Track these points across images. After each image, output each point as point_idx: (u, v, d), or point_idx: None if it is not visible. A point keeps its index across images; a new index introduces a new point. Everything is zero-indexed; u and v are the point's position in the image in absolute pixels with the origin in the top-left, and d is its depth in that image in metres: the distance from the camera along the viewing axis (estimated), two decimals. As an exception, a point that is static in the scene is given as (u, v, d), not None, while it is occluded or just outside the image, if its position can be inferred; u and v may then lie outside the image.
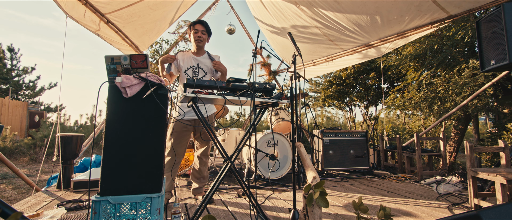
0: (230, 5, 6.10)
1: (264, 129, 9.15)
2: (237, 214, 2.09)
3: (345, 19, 3.90)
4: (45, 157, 6.49)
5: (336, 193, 2.82)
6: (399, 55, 5.82)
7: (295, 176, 1.92)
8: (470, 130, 6.08)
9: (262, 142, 3.25)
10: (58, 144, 2.82)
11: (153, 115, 1.45)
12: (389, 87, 7.74)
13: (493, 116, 4.95)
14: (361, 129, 8.62)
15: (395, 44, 4.17)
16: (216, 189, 1.80)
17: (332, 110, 10.08)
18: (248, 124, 6.99)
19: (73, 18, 3.13)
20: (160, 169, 1.44)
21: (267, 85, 1.80)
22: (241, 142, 1.95)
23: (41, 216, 1.98)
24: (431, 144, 6.60)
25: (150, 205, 1.36)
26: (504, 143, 2.42)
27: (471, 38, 4.22)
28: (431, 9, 3.26)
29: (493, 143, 4.54)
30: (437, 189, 2.94)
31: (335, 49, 4.88)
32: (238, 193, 2.72)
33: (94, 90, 41.66)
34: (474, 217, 0.79)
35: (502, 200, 1.98)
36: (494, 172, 2.09)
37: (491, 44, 2.15)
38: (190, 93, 1.60)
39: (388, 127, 8.45)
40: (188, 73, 2.33)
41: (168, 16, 4.39)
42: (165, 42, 6.90)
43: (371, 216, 2.07)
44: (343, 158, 3.95)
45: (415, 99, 5.05)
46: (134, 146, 1.40)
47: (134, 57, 1.50)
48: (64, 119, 10.59)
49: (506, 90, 4.24)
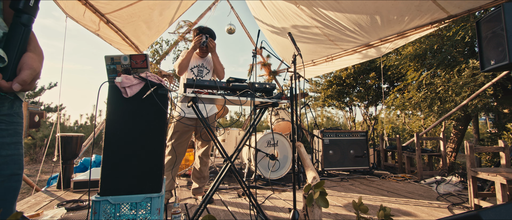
0: (230, 5, 6.10)
1: (264, 129, 9.15)
2: (237, 214, 2.09)
3: (345, 19, 3.90)
4: (45, 157, 6.49)
5: (336, 193, 2.82)
6: (399, 55, 5.82)
7: (295, 176, 1.92)
8: (470, 130, 6.08)
9: (262, 142, 3.25)
10: (58, 144, 2.82)
11: (153, 115, 1.45)
12: (389, 87, 7.74)
13: (493, 116, 4.95)
14: (361, 129, 8.62)
15: (395, 44, 4.17)
16: (216, 189, 1.80)
17: (332, 109, 10.09)
18: (248, 124, 6.99)
19: (73, 18, 3.13)
20: (160, 169, 1.44)
21: (267, 85, 1.80)
22: (241, 142, 1.95)
23: (41, 216, 1.98)
24: (431, 144, 6.60)
25: (150, 205, 1.36)
26: (504, 143, 2.42)
27: (471, 38, 4.22)
28: (431, 9, 3.26)
29: (493, 143, 4.54)
30: (437, 189, 2.94)
31: (335, 49, 4.88)
32: (238, 193, 2.72)
33: (94, 90, 41.66)
34: (474, 217, 0.79)
35: (502, 200, 1.98)
36: (494, 172, 2.09)
37: (491, 44, 2.15)
38: (190, 93, 1.60)
39: (388, 127, 8.45)
40: (194, 71, 2.40)
41: (168, 16, 4.39)
42: (165, 42, 6.90)
43: (371, 216, 2.07)
44: (343, 158, 3.95)
45: (415, 99, 5.05)
46: (134, 146, 1.40)
47: (134, 57, 1.50)
48: (64, 119, 10.59)
49: (506, 90, 4.24)
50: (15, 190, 0.81)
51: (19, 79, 0.69)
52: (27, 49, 0.76)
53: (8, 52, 0.71)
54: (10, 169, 0.78)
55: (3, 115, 0.76)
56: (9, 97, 0.77)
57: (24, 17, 0.73)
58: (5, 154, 0.76)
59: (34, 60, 0.74)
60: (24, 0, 0.73)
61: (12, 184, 0.80)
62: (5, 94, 0.74)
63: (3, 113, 0.76)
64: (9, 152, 0.78)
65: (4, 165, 0.76)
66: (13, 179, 0.79)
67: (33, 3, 0.75)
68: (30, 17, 0.75)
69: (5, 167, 0.76)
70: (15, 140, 0.80)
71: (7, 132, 0.77)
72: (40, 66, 0.76)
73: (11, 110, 0.78)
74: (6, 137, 0.77)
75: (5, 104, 0.76)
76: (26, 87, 0.71)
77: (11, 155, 0.78)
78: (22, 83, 0.69)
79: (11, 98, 0.78)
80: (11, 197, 0.80)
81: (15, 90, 0.69)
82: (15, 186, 0.81)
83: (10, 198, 0.79)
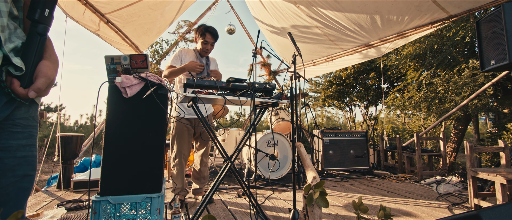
0: (230, 5, 6.10)
1: (264, 129, 9.15)
2: (237, 214, 2.09)
3: (345, 19, 3.90)
4: (45, 157, 6.49)
5: (336, 193, 2.82)
6: (399, 55, 5.82)
7: (295, 176, 1.92)
8: (470, 130, 6.08)
9: (262, 142, 3.25)
10: (58, 144, 2.82)
11: (153, 115, 1.45)
12: (389, 87, 7.75)
13: (493, 116, 4.95)
14: (361, 129, 8.63)
15: (395, 44, 4.17)
16: (216, 189, 1.80)
17: (332, 109, 10.10)
18: (248, 124, 6.99)
19: (72, 18, 3.13)
20: (160, 169, 1.44)
21: (267, 85, 1.80)
22: (241, 142, 1.95)
23: (41, 216, 1.98)
24: (431, 144, 6.61)
25: (150, 205, 1.36)
26: (504, 143, 2.42)
27: (471, 38, 4.22)
28: (431, 9, 3.26)
29: (493, 143, 4.54)
30: (437, 189, 2.94)
31: (335, 49, 4.88)
32: (238, 193, 2.72)
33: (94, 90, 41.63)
34: (474, 217, 0.79)
35: (502, 200, 1.98)
36: (494, 172, 2.09)
37: (491, 44, 2.15)
38: (190, 93, 1.60)
39: (388, 127, 8.45)
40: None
41: (168, 16, 4.39)
42: (165, 42, 6.89)
43: (371, 216, 2.07)
44: (343, 158, 3.95)
45: (415, 99, 5.05)
46: (134, 146, 1.40)
47: (134, 57, 1.50)
48: (64, 119, 10.58)
49: (506, 90, 4.24)
50: (27, 190, 0.84)
51: (35, 87, 0.74)
52: (43, 56, 0.81)
53: (25, 61, 0.75)
54: (24, 169, 0.82)
55: (19, 118, 0.80)
56: (25, 103, 0.82)
57: (39, 27, 0.78)
58: (20, 155, 0.80)
59: (49, 68, 0.79)
60: (39, 11, 0.77)
61: (25, 185, 0.83)
62: (22, 100, 0.78)
63: (19, 117, 0.80)
64: (24, 153, 0.82)
65: (18, 166, 0.80)
66: (26, 180, 0.83)
67: (48, 13, 0.80)
68: (45, 27, 0.79)
69: (19, 167, 0.80)
70: (30, 142, 0.84)
71: (22, 135, 0.81)
72: (54, 74, 0.81)
73: (27, 114, 0.83)
74: (22, 139, 0.81)
75: (22, 109, 0.81)
76: (41, 94, 0.76)
77: (25, 156, 0.82)
78: (37, 91, 0.74)
79: (26, 104, 0.83)
80: (23, 197, 0.83)
81: (30, 97, 0.74)
82: (27, 186, 0.84)
83: (21, 198, 0.83)
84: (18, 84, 0.73)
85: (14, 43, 0.76)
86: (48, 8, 0.79)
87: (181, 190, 2.38)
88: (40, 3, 0.77)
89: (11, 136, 0.78)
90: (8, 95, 0.74)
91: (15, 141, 0.79)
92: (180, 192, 2.37)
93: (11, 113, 0.78)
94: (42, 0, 0.78)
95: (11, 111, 0.77)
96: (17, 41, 0.77)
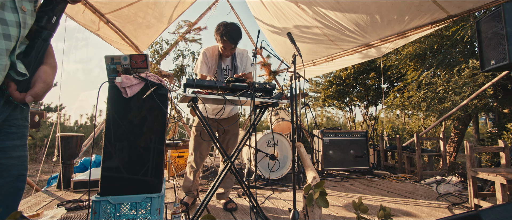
0: (230, 5, 6.10)
1: (264, 129, 9.15)
2: (237, 214, 2.09)
3: (345, 19, 3.90)
4: (45, 157, 6.49)
5: (336, 193, 2.82)
6: (399, 55, 5.83)
7: (295, 176, 1.92)
8: (470, 130, 6.08)
9: (262, 142, 3.25)
10: (58, 144, 2.81)
11: (153, 115, 1.45)
12: (389, 87, 7.75)
13: (493, 116, 4.95)
14: (361, 129, 8.63)
15: (395, 44, 4.17)
16: (216, 189, 1.80)
17: (332, 109, 10.10)
18: (248, 124, 6.98)
19: (72, 18, 3.13)
20: (160, 169, 1.44)
21: (267, 85, 1.80)
22: (241, 142, 1.95)
23: (41, 216, 1.98)
24: (431, 144, 6.61)
25: (150, 205, 1.36)
26: (504, 143, 2.42)
27: (471, 38, 4.22)
28: (431, 9, 3.26)
29: (493, 143, 4.54)
30: (437, 189, 2.94)
31: (335, 49, 4.88)
32: (238, 193, 2.72)
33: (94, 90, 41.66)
34: (474, 217, 0.79)
35: (502, 200, 1.98)
36: (494, 172, 2.09)
37: (491, 44, 2.15)
38: (190, 93, 1.60)
39: (388, 127, 8.45)
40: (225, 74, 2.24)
41: (167, 15, 4.39)
42: (165, 42, 6.89)
43: (371, 216, 2.07)
44: (343, 158, 3.95)
45: (415, 99, 5.05)
46: (134, 146, 1.40)
47: (134, 57, 1.50)
48: (64, 119, 10.57)
49: (506, 90, 4.24)
50: (20, 190, 0.87)
51: (33, 93, 0.76)
52: (43, 62, 0.83)
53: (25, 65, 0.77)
54: (18, 169, 0.84)
55: (14, 120, 0.83)
56: (21, 106, 0.84)
57: (44, 33, 0.80)
58: (15, 156, 0.83)
59: (48, 74, 0.81)
60: (47, 17, 0.79)
61: (19, 184, 0.85)
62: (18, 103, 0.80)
63: (14, 118, 0.83)
64: (18, 153, 0.84)
65: (14, 166, 0.83)
66: (20, 179, 0.85)
67: (55, 20, 0.82)
68: (50, 33, 0.81)
69: (14, 167, 0.83)
70: (23, 142, 0.86)
71: (16, 135, 0.84)
72: (52, 80, 0.84)
73: (21, 115, 0.85)
74: (16, 140, 0.83)
75: (17, 111, 0.83)
76: (38, 99, 0.79)
77: (19, 156, 0.85)
78: (34, 96, 0.76)
79: (23, 107, 0.85)
80: (17, 197, 0.86)
81: (27, 102, 0.76)
82: (21, 186, 0.87)
83: (16, 198, 0.86)
84: (15, 88, 0.74)
85: (20, 49, 0.78)
86: (56, 15, 0.81)
87: (188, 191, 2.29)
88: (49, 10, 0.79)
89: (7, 137, 0.80)
90: (6, 98, 0.76)
91: (11, 141, 0.81)
92: (188, 193, 2.29)
93: (8, 115, 0.79)
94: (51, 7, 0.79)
95: (8, 112, 0.79)
96: (22, 46, 0.79)
